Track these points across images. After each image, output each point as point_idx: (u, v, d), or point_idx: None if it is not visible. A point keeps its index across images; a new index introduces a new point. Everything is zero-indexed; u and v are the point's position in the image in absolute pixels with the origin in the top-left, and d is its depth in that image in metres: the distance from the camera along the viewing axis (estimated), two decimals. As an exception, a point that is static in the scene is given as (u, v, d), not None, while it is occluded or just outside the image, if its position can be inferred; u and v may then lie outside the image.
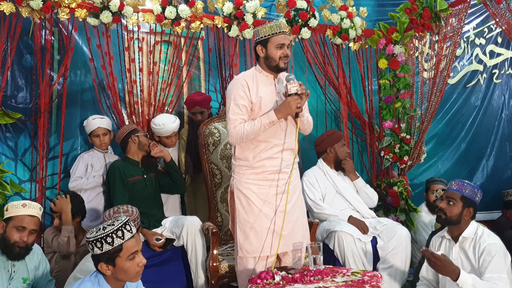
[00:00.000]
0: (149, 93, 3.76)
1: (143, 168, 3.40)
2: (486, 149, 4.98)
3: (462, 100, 4.90)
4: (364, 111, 4.35)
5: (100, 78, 3.67)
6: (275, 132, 2.53)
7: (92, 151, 3.56)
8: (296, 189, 2.65)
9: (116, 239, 1.85)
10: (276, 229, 2.51)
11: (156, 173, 3.46)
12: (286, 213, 2.49)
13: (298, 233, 2.61)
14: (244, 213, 2.55)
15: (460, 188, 2.56)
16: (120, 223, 1.88)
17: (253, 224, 2.52)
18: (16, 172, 3.53)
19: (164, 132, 3.59)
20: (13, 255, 2.36)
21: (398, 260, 3.17)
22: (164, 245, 3.06)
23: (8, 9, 3.23)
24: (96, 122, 3.50)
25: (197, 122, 3.66)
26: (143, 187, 3.32)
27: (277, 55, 2.50)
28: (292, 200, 2.59)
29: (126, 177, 3.27)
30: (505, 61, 5.08)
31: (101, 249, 1.85)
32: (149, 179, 3.38)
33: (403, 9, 4.01)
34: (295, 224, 2.60)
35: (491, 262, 2.39)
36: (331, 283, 2.22)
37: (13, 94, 3.55)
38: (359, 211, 3.46)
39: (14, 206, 2.38)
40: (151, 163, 3.51)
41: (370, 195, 3.56)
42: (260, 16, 3.82)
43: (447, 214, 2.54)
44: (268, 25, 2.51)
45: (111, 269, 1.88)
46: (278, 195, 2.53)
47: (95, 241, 1.85)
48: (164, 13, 3.60)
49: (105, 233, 1.85)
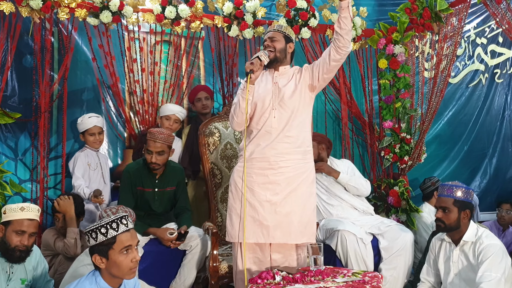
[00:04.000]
0: (151, 93, 3.77)
1: (159, 180, 3.18)
2: (488, 149, 4.97)
3: (464, 99, 4.90)
4: (364, 111, 4.34)
5: (102, 78, 3.67)
6: (266, 119, 2.57)
7: (85, 149, 3.50)
8: (293, 182, 2.56)
9: (111, 230, 1.87)
10: (259, 218, 2.52)
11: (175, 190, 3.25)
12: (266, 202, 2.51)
13: (291, 227, 2.54)
14: (232, 200, 2.62)
15: (450, 193, 2.55)
16: (117, 216, 1.91)
17: (238, 210, 2.57)
18: (16, 172, 3.54)
19: (165, 110, 3.64)
20: (14, 259, 2.36)
21: (401, 262, 3.16)
22: (178, 238, 3.00)
23: (8, 9, 3.24)
24: (93, 121, 3.46)
25: (202, 109, 3.74)
26: (152, 200, 3.17)
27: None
28: (283, 192, 2.54)
29: (135, 185, 3.14)
30: (507, 61, 5.07)
31: (95, 239, 1.87)
32: (160, 194, 3.17)
33: (403, 9, 4.00)
34: (286, 217, 2.54)
35: (485, 262, 2.39)
36: (332, 284, 2.21)
37: (13, 94, 3.55)
38: (356, 207, 3.43)
39: (12, 210, 2.36)
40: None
41: (358, 186, 3.45)
42: (260, 16, 3.82)
43: (445, 222, 2.55)
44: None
45: (105, 262, 1.88)
46: (266, 184, 2.53)
47: (91, 232, 1.88)
48: (164, 13, 3.60)
49: (100, 224, 1.88)
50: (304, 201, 2.59)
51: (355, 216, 3.39)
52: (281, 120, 2.56)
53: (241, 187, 2.56)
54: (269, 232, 2.53)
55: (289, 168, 2.56)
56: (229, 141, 3.47)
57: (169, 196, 3.24)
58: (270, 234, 2.53)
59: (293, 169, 2.57)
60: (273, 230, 2.53)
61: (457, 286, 2.55)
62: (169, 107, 3.67)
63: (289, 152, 2.57)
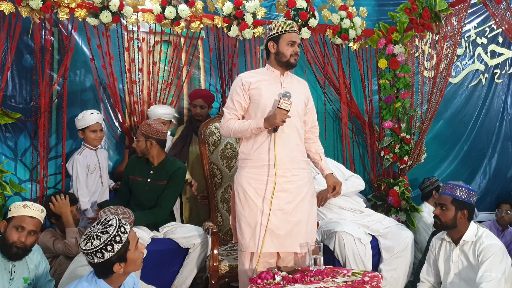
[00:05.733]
0: (148, 93, 3.76)
1: (154, 171, 3.20)
2: (488, 149, 4.97)
3: (464, 99, 4.90)
4: (364, 111, 4.34)
5: (100, 78, 3.67)
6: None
7: (84, 149, 3.46)
8: (301, 191, 2.57)
9: (123, 236, 1.90)
10: (271, 227, 2.48)
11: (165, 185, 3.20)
12: (279, 210, 2.48)
13: (299, 237, 2.53)
14: (241, 208, 2.55)
15: (450, 192, 2.57)
16: (117, 222, 1.91)
17: (248, 219, 2.52)
18: (16, 172, 3.53)
19: (151, 115, 3.64)
20: (11, 255, 2.35)
21: (402, 263, 3.16)
22: None
23: (8, 9, 3.24)
24: (95, 117, 3.42)
25: (194, 115, 3.74)
26: (142, 189, 3.20)
27: (288, 52, 2.55)
28: (295, 201, 2.54)
29: (129, 174, 3.24)
30: (506, 61, 5.07)
31: (112, 251, 1.86)
32: (151, 185, 3.19)
33: (403, 9, 4.00)
34: (296, 226, 2.53)
35: (485, 262, 2.39)
36: (332, 284, 2.21)
37: (13, 94, 3.54)
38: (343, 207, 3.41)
39: (16, 207, 2.40)
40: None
41: (355, 188, 3.46)
42: (260, 16, 3.82)
43: (441, 219, 2.57)
44: (281, 22, 2.59)
45: (123, 265, 1.91)
46: (278, 192, 2.50)
47: (105, 246, 1.86)
48: (164, 13, 3.60)
49: (111, 236, 1.87)
50: (309, 210, 2.61)
51: (349, 216, 3.38)
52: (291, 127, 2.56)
53: (252, 196, 2.52)
54: (280, 240, 2.51)
55: (299, 176, 2.58)
56: (229, 141, 3.47)
57: (160, 191, 3.19)
58: (281, 242, 2.51)
59: (301, 178, 2.59)
60: (284, 239, 2.51)
61: (457, 286, 2.55)
62: (154, 112, 3.62)
63: (299, 161, 2.59)
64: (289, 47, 2.54)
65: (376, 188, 4.27)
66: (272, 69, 2.62)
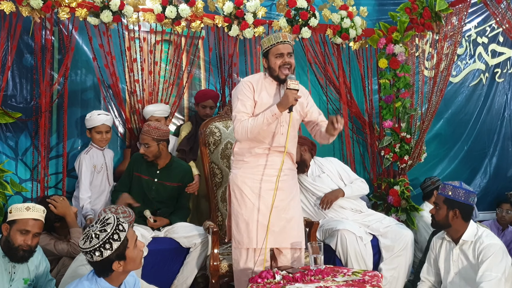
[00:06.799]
0: (150, 92, 3.77)
1: (160, 172, 3.29)
2: (489, 148, 4.97)
3: (464, 99, 4.89)
4: (364, 110, 4.34)
5: (102, 78, 3.67)
6: (274, 134, 2.62)
7: (91, 148, 3.48)
8: (292, 190, 2.73)
9: (121, 234, 1.90)
10: (266, 223, 2.54)
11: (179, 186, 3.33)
12: (273, 207, 2.53)
13: (293, 232, 2.66)
14: (238, 206, 2.65)
15: (442, 191, 2.62)
16: (115, 220, 1.92)
17: (245, 217, 2.61)
18: (17, 171, 3.54)
19: (145, 114, 3.67)
20: (17, 258, 2.36)
21: (402, 262, 3.18)
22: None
23: (8, 9, 3.24)
24: (101, 118, 3.43)
25: (203, 116, 3.74)
26: (149, 188, 3.27)
27: (276, 64, 2.60)
28: (287, 198, 2.66)
29: (134, 170, 3.28)
30: (507, 60, 5.07)
31: (111, 249, 1.87)
32: (159, 185, 3.27)
33: (403, 8, 4.00)
34: (289, 223, 2.66)
35: (486, 261, 2.40)
36: (332, 283, 2.21)
37: (13, 93, 3.55)
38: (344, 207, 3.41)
39: (18, 209, 2.37)
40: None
41: (360, 192, 3.46)
42: (261, 15, 3.82)
43: (435, 218, 2.63)
44: (267, 38, 2.65)
45: (123, 264, 1.92)
46: (272, 191, 2.56)
47: (104, 244, 1.86)
48: (165, 12, 3.60)
49: (109, 234, 1.87)
50: (299, 208, 2.80)
51: (350, 216, 3.38)
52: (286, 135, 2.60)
53: (248, 194, 2.61)
54: (275, 236, 2.61)
55: (290, 176, 2.72)
56: (230, 140, 3.47)
57: (171, 193, 3.31)
58: (275, 238, 2.61)
59: (292, 177, 2.75)
60: (278, 235, 2.62)
61: (457, 285, 2.55)
62: (146, 110, 3.65)
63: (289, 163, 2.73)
64: (277, 60, 2.59)
65: (376, 187, 4.27)
66: (270, 79, 2.69)
